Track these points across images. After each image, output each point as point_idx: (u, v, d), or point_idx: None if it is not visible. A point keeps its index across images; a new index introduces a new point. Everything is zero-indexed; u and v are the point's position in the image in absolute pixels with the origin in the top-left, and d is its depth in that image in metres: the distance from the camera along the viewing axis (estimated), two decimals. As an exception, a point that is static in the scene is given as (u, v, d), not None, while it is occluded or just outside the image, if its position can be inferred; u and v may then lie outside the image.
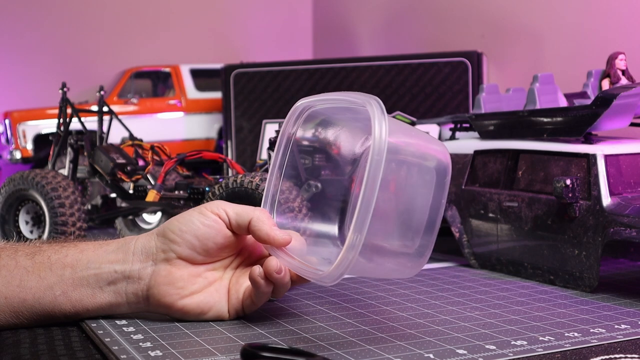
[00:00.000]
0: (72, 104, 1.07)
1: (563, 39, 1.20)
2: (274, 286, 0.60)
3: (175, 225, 0.60)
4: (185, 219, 0.61)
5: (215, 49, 1.77)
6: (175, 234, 0.60)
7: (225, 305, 0.62)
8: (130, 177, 0.97)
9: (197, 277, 0.61)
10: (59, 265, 0.60)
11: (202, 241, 0.60)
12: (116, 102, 1.46)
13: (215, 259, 0.62)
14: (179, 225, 0.60)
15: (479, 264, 0.86)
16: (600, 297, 0.69)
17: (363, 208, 0.51)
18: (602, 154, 0.72)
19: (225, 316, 0.62)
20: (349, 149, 0.68)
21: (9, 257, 0.61)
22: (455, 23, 1.44)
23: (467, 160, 0.88)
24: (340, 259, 0.52)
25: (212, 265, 0.62)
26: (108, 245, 0.62)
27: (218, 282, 0.62)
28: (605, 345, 0.54)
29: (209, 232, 0.60)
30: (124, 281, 0.60)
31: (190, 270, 0.61)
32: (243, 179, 0.76)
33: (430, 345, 0.55)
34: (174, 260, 0.60)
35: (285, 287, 0.60)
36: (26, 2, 1.64)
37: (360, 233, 0.51)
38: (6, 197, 0.97)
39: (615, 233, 0.68)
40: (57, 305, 0.60)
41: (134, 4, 1.73)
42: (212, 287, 0.62)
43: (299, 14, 1.90)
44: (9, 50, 1.62)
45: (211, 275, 0.62)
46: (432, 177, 0.58)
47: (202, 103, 1.52)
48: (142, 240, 0.61)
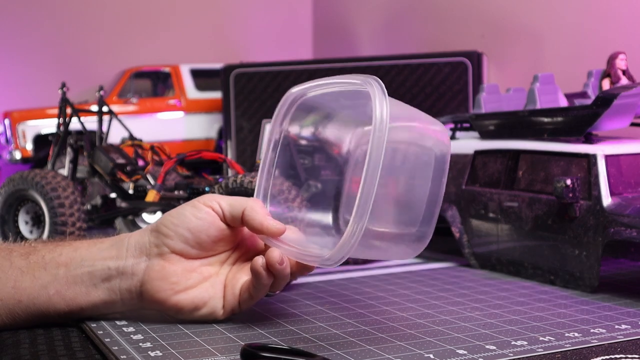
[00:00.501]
0: (71, 104, 1.07)
1: (563, 39, 1.20)
2: (275, 278, 0.59)
3: (168, 219, 0.60)
4: (178, 212, 0.60)
5: (215, 49, 1.77)
6: (168, 228, 0.60)
7: (220, 301, 0.61)
8: (130, 177, 0.97)
9: (191, 272, 0.60)
10: (53, 265, 0.60)
11: (195, 234, 0.60)
12: (116, 102, 1.46)
13: (210, 253, 0.61)
14: (171, 220, 0.60)
15: (479, 264, 0.85)
16: (601, 297, 0.69)
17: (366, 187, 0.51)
18: (603, 154, 0.72)
19: (219, 313, 0.61)
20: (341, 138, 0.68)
21: (3, 258, 0.60)
22: (455, 23, 1.44)
23: (467, 160, 0.88)
24: (345, 238, 0.52)
25: (207, 260, 0.61)
26: (102, 243, 0.62)
27: (214, 277, 0.61)
28: (605, 346, 0.54)
29: (202, 225, 0.60)
30: (118, 278, 0.60)
31: (184, 265, 0.60)
32: (243, 179, 0.76)
33: (431, 345, 0.55)
34: (167, 255, 0.60)
35: (285, 280, 0.60)
36: (26, 2, 1.64)
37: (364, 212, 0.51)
38: (6, 197, 0.97)
39: (615, 233, 0.68)
40: (52, 304, 0.60)
41: (134, 4, 1.73)
42: (207, 282, 0.61)
43: (299, 14, 1.90)
44: (9, 50, 1.62)
45: (206, 270, 0.61)
46: (431, 159, 0.58)
47: (202, 103, 1.52)
48: (136, 237, 0.61)
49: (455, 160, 0.89)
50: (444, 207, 0.89)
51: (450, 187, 0.89)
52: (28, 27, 1.64)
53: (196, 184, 0.90)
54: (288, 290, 0.74)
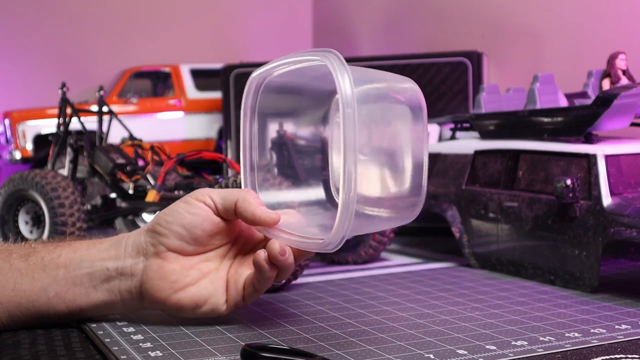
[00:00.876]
0: (71, 104, 1.07)
1: (563, 39, 1.20)
2: (278, 269, 0.58)
3: (162, 218, 0.60)
4: (171, 210, 0.60)
5: (215, 49, 1.77)
6: (163, 226, 0.59)
7: (222, 297, 0.60)
8: (130, 177, 0.97)
9: (190, 269, 0.60)
10: (52, 266, 0.60)
11: (190, 230, 0.59)
12: (116, 102, 1.46)
13: (208, 248, 0.61)
14: (165, 218, 0.60)
15: (479, 264, 0.85)
16: (601, 297, 0.69)
17: (347, 164, 0.51)
18: (603, 154, 0.72)
19: (222, 309, 0.60)
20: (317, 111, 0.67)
21: (3, 260, 0.60)
22: (455, 23, 1.44)
23: (467, 160, 0.88)
24: (338, 222, 0.52)
25: (205, 256, 0.61)
26: (101, 244, 0.61)
27: (214, 273, 0.61)
28: (605, 346, 0.54)
29: (196, 220, 0.59)
30: (117, 279, 0.60)
31: (182, 262, 0.60)
32: (243, 179, 0.76)
33: (431, 345, 0.55)
34: (164, 253, 0.59)
35: (289, 269, 0.59)
36: (26, 2, 1.64)
37: (351, 190, 0.51)
38: (6, 197, 0.97)
39: (615, 233, 0.68)
40: (52, 306, 0.59)
41: (134, 4, 1.73)
42: (207, 278, 0.60)
43: (299, 13, 1.90)
44: (9, 50, 1.62)
45: (205, 266, 0.61)
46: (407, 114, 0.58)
47: (202, 103, 1.52)
48: (133, 237, 0.61)
49: (455, 160, 0.89)
50: (444, 207, 0.89)
51: (450, 187, 0.89)
52: (28, 27, 1.64)
53: (196, 184, 0.90)
54: (288, 290, 0.74)
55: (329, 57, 0.53)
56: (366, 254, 0.88)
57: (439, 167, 0.92)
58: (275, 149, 0.68)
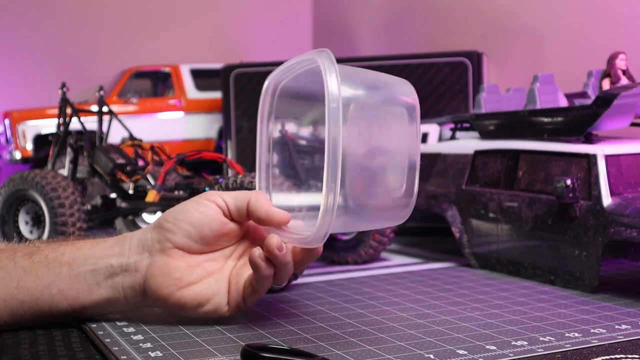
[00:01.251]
0: (71, 104, 1.07)
1: (563, 39, 1.20)
2: (276, 268, 0.58)
3: (171, 214, 0.60)
4: (181, 208, 0.60)
5: (215, 49, 1.77)
6: (171, 222, 0.60)
7: (224, 297, 0.60)
8: (130, 177, 0.97)
9: (195, 267, 0.60)
10: (56, 264, 0.60)
11: (198, 228, 0.59)
12: (116, 102, 1.46)
13: (213, 248, 0.61)
14: (174, 214, 0.60)
15: (479, 264, 0.85)
16: (601, 297, 0.69)
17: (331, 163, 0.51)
18: (603, 154, 0.72)
19: (224, 309, 0.61)
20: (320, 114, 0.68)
21: (7, 258, 0.61)
22: (455, 23, 1.44)
23: (467, 160, 0.88)
24: (321, 218, 0.52)
25: (211, 256, 0.61)
26: (105, 242, 0.62)
27: (218, 273, 0.61)
28: (605, 346, 0.54)
29: (205, 219, 0.59)
30: (121, 275, 0.60)
31: (187, 260, 0.60)
32: (243, 179, 0.76)
33: (431, 345, 0.55)
34: (170, 250, 0.59)
35: (287, 268, 0.59)
36: (26, 2, 1.64)
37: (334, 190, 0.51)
38: (6, 197, 0.97)
39: (615, 233, 0.68)
40: (54, 304, 0.60)
41: (134, 4, 1.73)
42: (211, 278, 0.60)
43: (299, 13, 1.90)
44: (9, 50, 1.62)
45: (210, 265, 0.61)
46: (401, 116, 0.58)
47: (202, 103, 1.52)
48: (139, 234, 0.61)
49: (455, 160, 0.89)
50: (444, 207, 0.89)
51: (450, 187, 0.89)
52: (28, 27, 1.64)
53: (196, 184, 0.90)
54: (288, 290, 0.74)
55: (321, 56, 0.54)
56: (366, 254, 0.88)
57: (439, 167, 0.92)
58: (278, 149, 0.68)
